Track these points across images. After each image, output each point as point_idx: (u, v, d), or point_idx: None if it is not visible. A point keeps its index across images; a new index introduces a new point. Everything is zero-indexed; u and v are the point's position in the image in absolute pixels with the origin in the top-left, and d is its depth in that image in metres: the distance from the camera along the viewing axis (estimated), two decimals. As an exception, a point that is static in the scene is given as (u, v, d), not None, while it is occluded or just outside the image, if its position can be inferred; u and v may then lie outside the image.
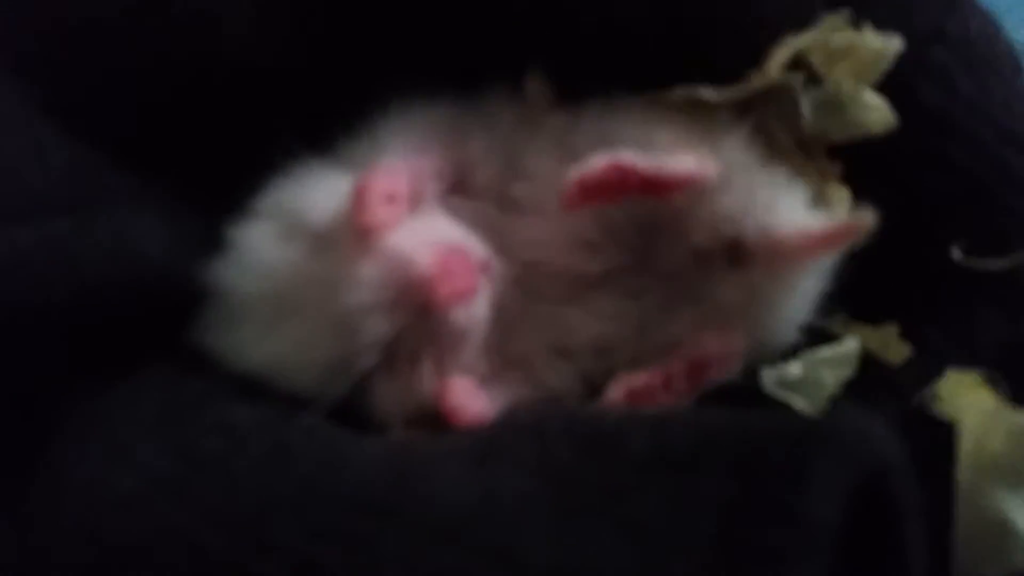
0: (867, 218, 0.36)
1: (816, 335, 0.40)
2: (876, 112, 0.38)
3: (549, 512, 0.31)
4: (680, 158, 0.37)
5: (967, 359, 0.38)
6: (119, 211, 0.40)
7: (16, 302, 0.36)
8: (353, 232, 0.36)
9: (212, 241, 0.39)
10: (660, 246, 0.39)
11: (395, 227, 0.36)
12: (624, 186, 0.37)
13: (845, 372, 0.38)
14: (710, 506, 0.30)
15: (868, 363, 0.39)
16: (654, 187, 0.37)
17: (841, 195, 0.39)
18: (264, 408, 0.36)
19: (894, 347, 0.39)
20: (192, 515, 0.32)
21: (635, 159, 0.36)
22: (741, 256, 0.38)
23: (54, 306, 0.37)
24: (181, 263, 0.39)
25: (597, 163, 0.36)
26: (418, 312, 0.36)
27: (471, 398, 0.37)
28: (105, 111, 0.41)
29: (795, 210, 0.38)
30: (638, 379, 0.38)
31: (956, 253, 0.40)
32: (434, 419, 0.36)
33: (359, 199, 0.36)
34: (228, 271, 0.39)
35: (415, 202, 0.38)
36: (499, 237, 0.39)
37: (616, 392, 0.38)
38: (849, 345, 0.38)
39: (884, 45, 0.38)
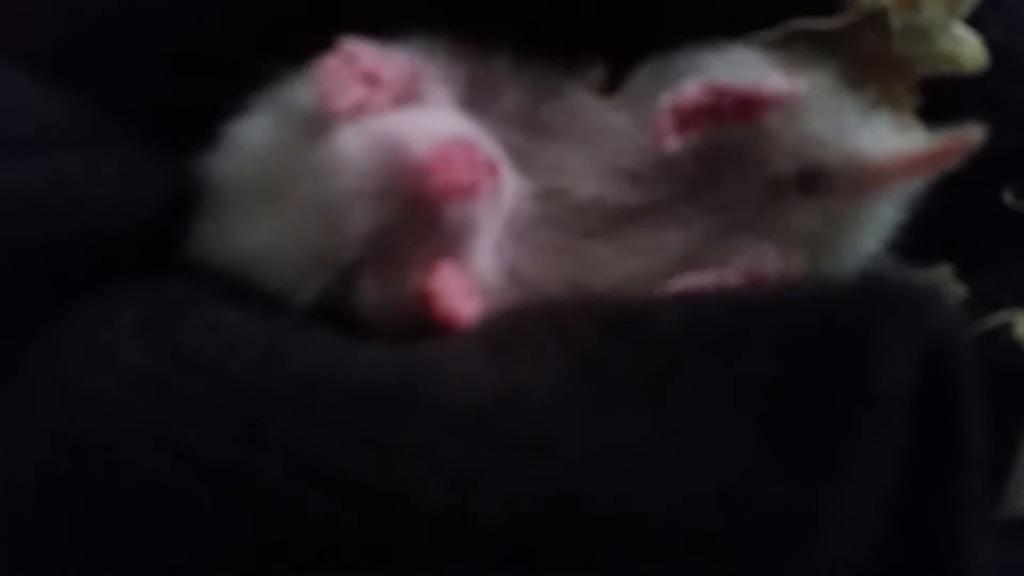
0: (972, 135, 0.33)
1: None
2: (968, 47, 0.36)
3: (577, 400, 0.29)
4: (771, 76, 0.35)
5: (1018, 303, 0.38)
6: (124, 149, 0.38)
7: (18, 234, 0.34)
8: (324, 110, 0.33)
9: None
10: (724, 175, 0.36)
11: (373, 111, 0.33)
12: (719, 110, 0.34)
13: None
14: (756, 385, 0.27)
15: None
16: (750, 107, 0.34)
17: (915, 130, 0.38)
18: (254, 310, 0.33)
19: (949, 287, 0.38)
20: (177, 415, 0.29)
21: (728, 80, 0.34)
22: (819, 182, 0.35)
23: (57, 239, 0.35)
24: (183, 192, 0.37)
25: (690, 87, 0.34)
26: (410, 204, 0.32)
27: (458, 291, 0.33)
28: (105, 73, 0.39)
29: (882, 134, 0.36)
30: (689, 280, 0.34)
31: (1008, 197, 0.39)
32: (423, 325, 0.33)
33: (327, 71, 0.33)
34: (217, 162, 0.36)
35: (409, 98, 0.35)
36: (522, 158, 0.35)
37: (663, 292, 0.34)
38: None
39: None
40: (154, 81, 0.40)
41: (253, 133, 0.35)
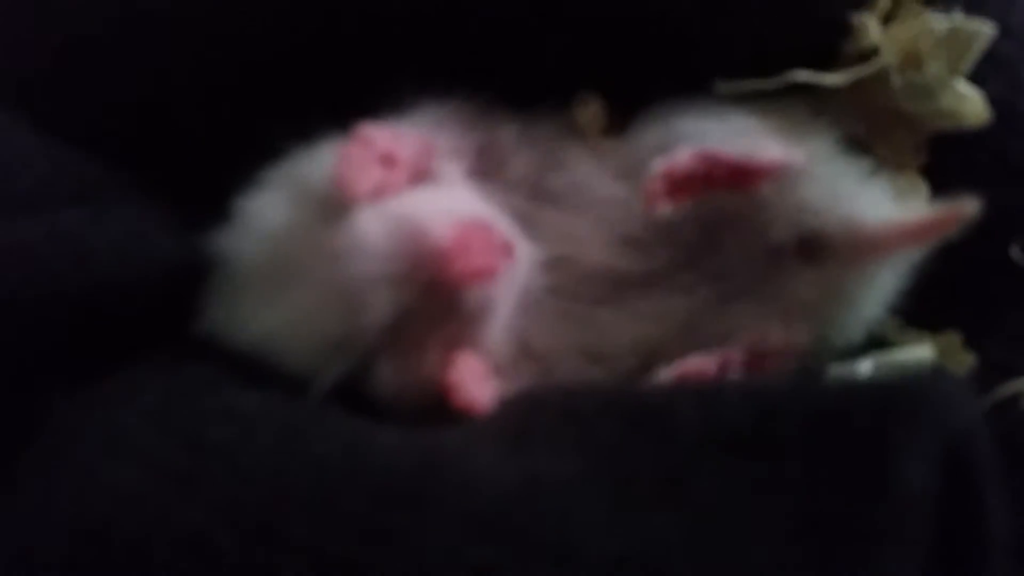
0: (968, 207, 0.33)
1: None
2: (971, 103, 0.35)
3: (598, 497, 0.28)
4: (767, 146, 0.35)
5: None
6: (129, 205, 0.37)
7: (18, 296, 0.33)
8: (344, 196, 0.32)
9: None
10: (724, 242, 0.36)
11: (392, 192, 0.33)
12: (712, 178, 0.34)
13: None
14: (781, 486, 0.27)
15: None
16: (742, 177, 0.34)
17: (919, 188, 0.37)
18: (271, 393, 0.33)
19: (958, 356, 0.37)
20: (199, 509, 0.29)
21: (722, 148, 0.34)
22: (818, 250, 0.35)
23: (62, 297, 0.34)
24: (190, 260, 0.36)
25: (683, 154, 0.34)
26: (430, 289, 0.32)
27: (476, 379, 0.33)
28: (100, 119, 0.39)
29: (880, 202, 0.35)
30: (692, 363, 0.35)
31: (1016, 253, 0.38)
32: (441, 407, 0.33)
33: (344, 158, 0.32)
34: (231, 240, 0.35)
35: (424, 176, 0.35)
36: (530, 227, 0.35)
37: (666, 375, 0.35)
38: (923, 350, 0.36)
39: (978, 30, 0.35)
40: (163, 142, 0.39)
41: (268, 211, 0.35)
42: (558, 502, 0.28)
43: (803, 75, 0.36)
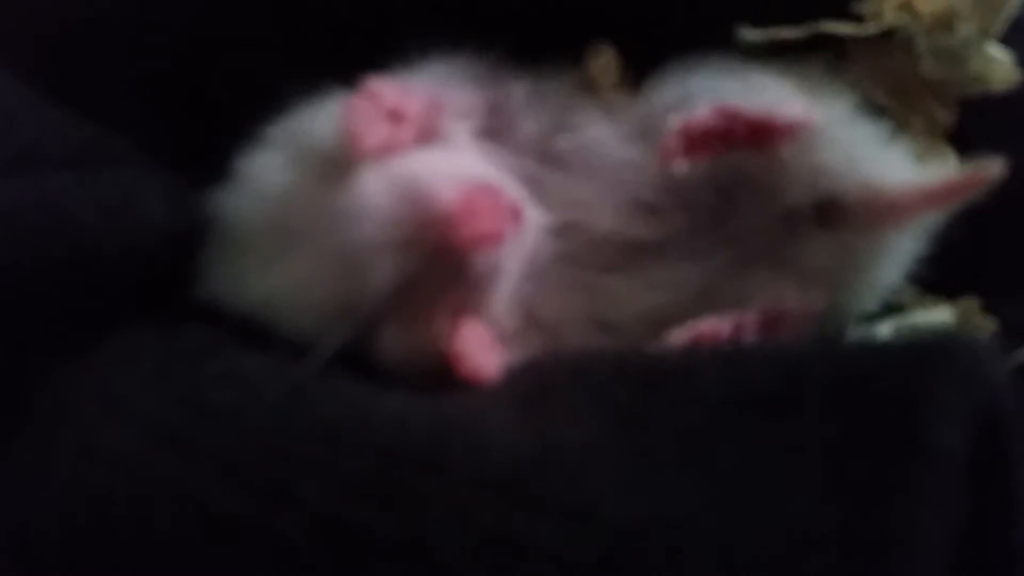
0: (993, 168, 0.32)
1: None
2: (1000, 66, 0.34)
3: (617, 461, 0.27)
4: (788, 104, 0.33)
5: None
6: (121, 169, 0.36)
7: (7, 257, 0.32)
8: (349, 151, 0.31)
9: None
10: (741, 206, 0.35)
11: (399, 149, 0.32)
12: (730, 135, 0.33)
13: None
14: (809, 448, 0.26)
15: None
16: (763, 135, 0.33)
17: (945, 154, 0.36)
18: (273, 357, 0.32)
19: (978, 321, 0.36)
20: (202, 470, 0.28)
21: (743, 104, 0.33)
22: (835, 215, 0.34)
23: (49, 263, 0.33)
24: (184, 226, 0.35)
25: (702, 110, 0.33)
26: (435, 253, 0.31)
27: (482, 347, 0.32)
28: (103, 84, 0.38)
29: (900, 165, 0.34)
30: (704, 325, 0.34)
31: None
32: (447, 374, 0.32)
33: (351, 112, 0.31)
34: (230, 200, 0.34)
35: (431, 132, 0.34)
36: (538, 192, 0.34)
37: (679, 336, 0.34)
38: (942, 313, 0.35)
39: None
40: (157, 96, 0.38)
41: (268, 171, 0.34)
42: (576, 466, 0.27)
43: (830, 25, 0.34)
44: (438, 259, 0.31)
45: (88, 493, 0.29)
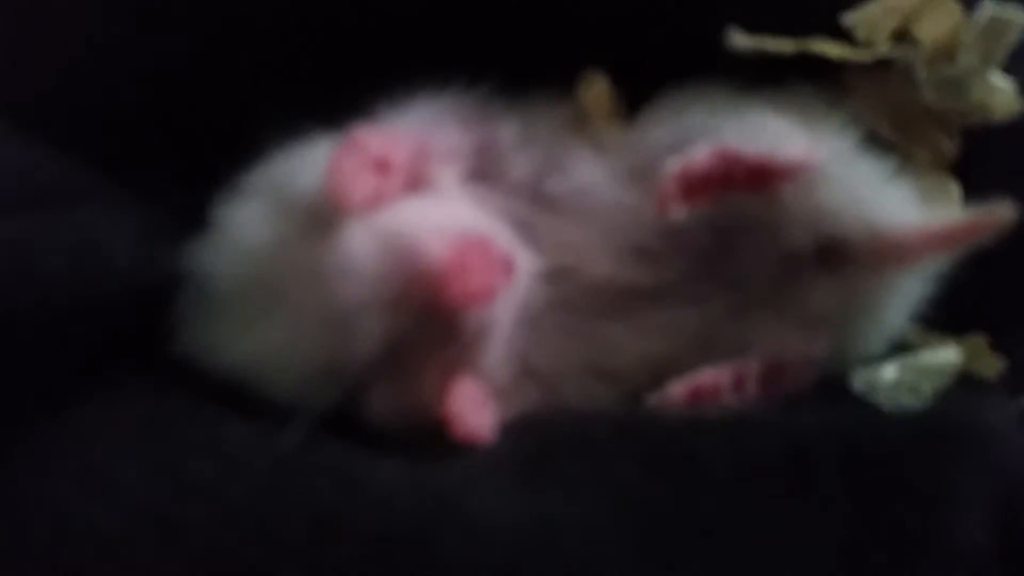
0: (1004, 212, 0.31)
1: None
2: (1002, 96, 0.33)
3: (620, 542, 0.26)
4: (788, 142, 0.32)
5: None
6: (85, 210, 0.34)
7: None
8: (334, 205, 0.30)
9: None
10: (740, 249, 0.34)
11: (386, 200, 0.30)
12: (729, 178, 0.32)
13: (943, 382, 0.33)
14: (823, 533, 0.25)
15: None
16: (763, 178, 0.32)
17: (949, 189, 0.34)
18: (256, 423, 0.30)
19: (985, 359, 0.35)
20: (182, 551, 0.27)
21: (741, 147, 0.31)
22: (838, 256, 0.33)
23: (12, 311, 0.31)
24: (154, 266, 0.33)
25: (700, 153, 0.31)
26: (425, 311, 0.30)
27: (476, 407, 0.31)
28: (67, 112, 0.36)
29: (905, 205, 0.33)
30: (704, 377, 0.32)
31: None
32: (440, 435, 0.30)
33: (336, 164, 0.30)
34: (208, 255, 0.33)
35: (419, 181, 0.32)
36: (530, 236, 0.33)
37: (677, 391, 0.32)
38: (949, 353, 0.34)
39: (1014, 18, 0.33)
40: (134, 137, 0.36)
41: (249, 224, 0.32)
42: (575, 546, 0.26)
43: (820, 44, 0.33)
44: (428, 317, 0.30)
45: (61, 572, 0.27)
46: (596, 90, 0.35)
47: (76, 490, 0.28)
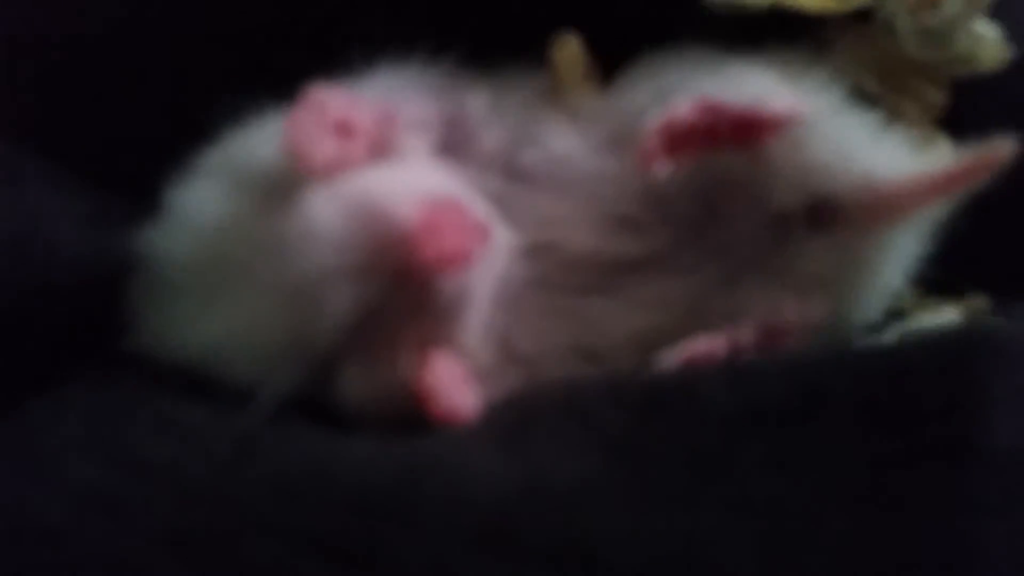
0: (1004, 148, 0.29)
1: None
2: (988, 44, 0.32)
3: (618, 497, 0.24)
4: (773, 96, 0.31)
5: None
6: (26, 195, 0.33)
7: None
8: (296, 169, 0.28)
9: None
10: (727, 213, 0.32)
11: (350, 165, 0.29)
12: (714, 132, 0.30)
13: None
14: (846, 459, 0.23)
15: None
16: (749, 130, 0.30)
17: (939, 141, 0.33)
18: (218, 406, 0.28)
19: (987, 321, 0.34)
20: (140, 537, 0.25)
21: (727, 98, 0.30)
22: (830, 215, 0.32)
23: None
24: (104, 253, 0.31)
25: (682, 106, 0.30)
26: (396, 279, 0.28)
27: (456, 383, 0.29)
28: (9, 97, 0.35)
29: (896, 157, 0.32)
30: (699, 345, 0.31)
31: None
32: (417, 417, 0.29)
33: (296, 124, 0.28)
34: (162, 238, 0.31)
35: (385, 149, 0.30)
36: (506, 211, 0.31)
37: (672, 359, 0.30)
38: (948, 316, 0.33)
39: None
40: (81, 116, 0.35)
41: (203, 203, 0.30)
42: (570, 505, 0.24)
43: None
44: (400, 286, 0.28)
45: (13, 571, 0.25)
46: (569, 52, 0.33)
47: (21, 483, 0.26)
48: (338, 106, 0.29)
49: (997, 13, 0.33)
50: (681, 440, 0.25)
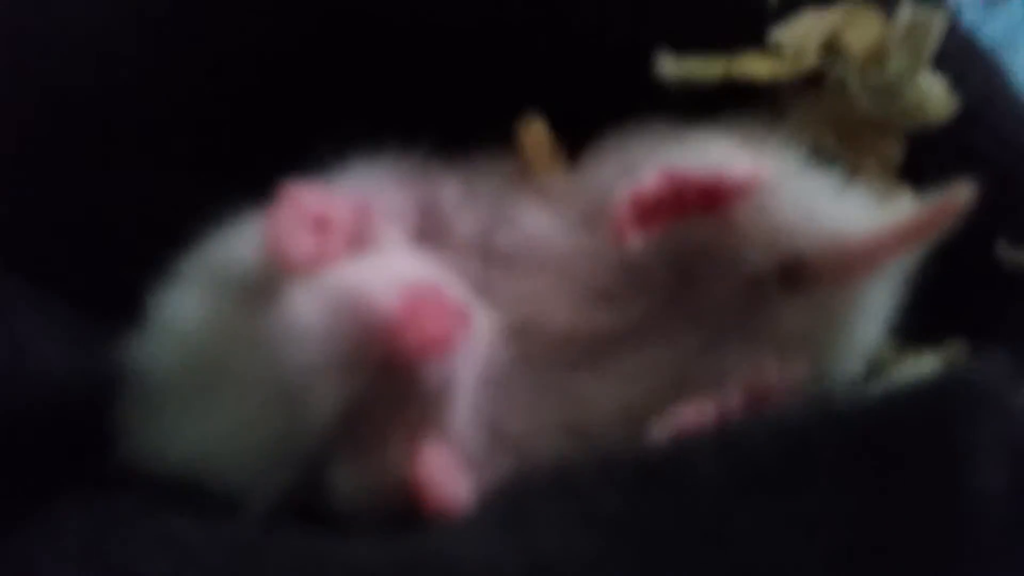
0: (962, 193, 0.30)
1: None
2: (936, 96, 0.33)
3: (614, 567, 0.24)
4: (734, 162, 0.32)
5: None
6: (13, 317, 0.32)
7: None
8: (277, 266, 0.28)
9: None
10: (701, 280, 0.33)
11: (330, 260, 0.29)
12: (681, 200, 0.31)
13: None
14: (835, 521, 0.23)
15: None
16: (715, 197, 0.31)
17: (900, 192, 0.34)
18: (211, 517, 0.28)
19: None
20: None
21: (690, 167, 0.31)
22: (801, 275, 0.32)
23: None
24: (89, 371, 0.32)
25: (648, 177, 0.31)
26: (381, 370, 0.28)
27: (448, 473, 0.29)
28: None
29: (860, 212, 0.32)
30: (687, 413, 0.31)
31: (1005, 250, 0.36)
32: (410, 511, 0.28)
33: (275, 222, 0.29)
34: (145, 348, 0.31)
35: (361, 240, 0.31)
36: (485, 293, 0.32)
37: (661, 430, 0.30)
38: (927, 364, 0.33)
39: (934, 18, 0.33)
40: (59, 230, 0.35)
41: (183, 308, 0.30)
42: None
43: (746, 62, 0.33)
44: (385, 376, 0.28)
45: None
46: (534, 133, 0.34)
47: None
48: (315, 202, 0.29)
49: (939, 65, 0.35)
50: (676, 514, 0.25)
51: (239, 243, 0.30)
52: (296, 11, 0.35)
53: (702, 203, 0.31)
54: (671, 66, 0.33)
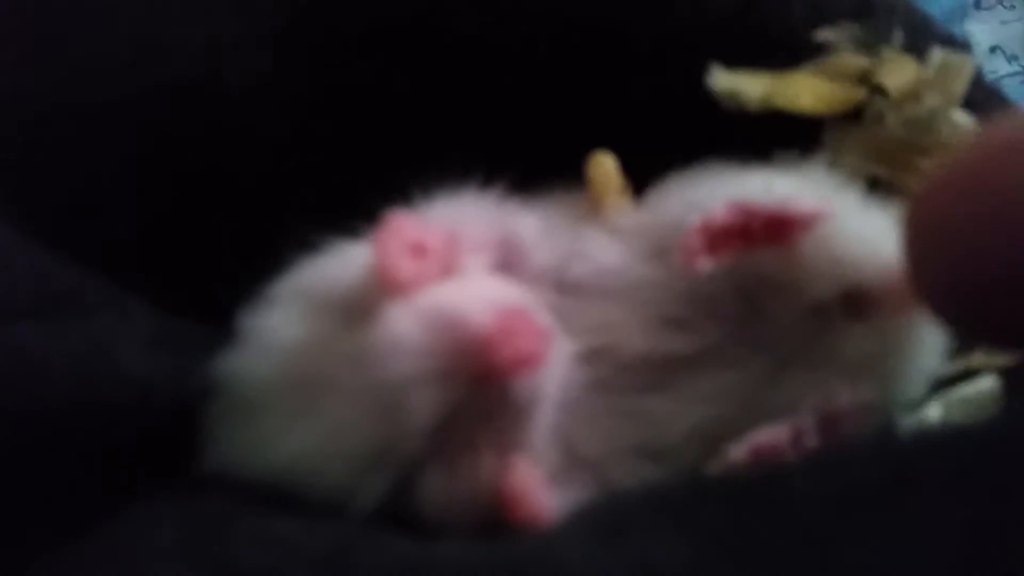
0: None
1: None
2: (966, 132, 0.36)
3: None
4: (798, 197, 0.33)
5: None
6: (94, 321, 0.33)
7: None
8: (381, 286, 0.30)
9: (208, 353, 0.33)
10: (768, 308, 0.34)
11: (426, 282, 0.31)
12: (749, 231, 0.33)
13: (988, 409, 0.34)
14: (946, 528, 0.23)
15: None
16: (780, 228, 0.33)
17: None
18: (306, 516, 0.29)
19: None
20: None
21: (757, 200, 0.33)
22: (863, 304, 0.34)
23: (19, 423, 0.29)
24: (171, 376, 0.32)
25: (718, 208, 0.33)
26: (474, 382, 0.29)
27: (537, 486, 0.30)
28: (84, 227, 0.36)
29: None
30: (763, 436, 0.32)
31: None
32: (497, 521, 0.29)
33: (380, 246, 0.30)
34: (239, 363, 0.32)
35: (450, 267, 0.32)
36: (561, 321, 0.33)
37: (737, 452, 0.31)
38: (987, 382, 0.34)
39: (966, 61, 0.36)
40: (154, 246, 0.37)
41: (282, 325, 0.32)
42: None
43: (799, 86, 0.36)
44: (477, 389, 0.29)
45: None
46: (603, 169, 0.36)
47: None
48: (413, 230, 0.31)
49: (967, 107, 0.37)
50: (779, 527, 0.25)
51: (340, 265, 0.32)
52: (397, 59, 0.38)
53: (768, 234, 0.33)
54: (723, 80, 0.36)
